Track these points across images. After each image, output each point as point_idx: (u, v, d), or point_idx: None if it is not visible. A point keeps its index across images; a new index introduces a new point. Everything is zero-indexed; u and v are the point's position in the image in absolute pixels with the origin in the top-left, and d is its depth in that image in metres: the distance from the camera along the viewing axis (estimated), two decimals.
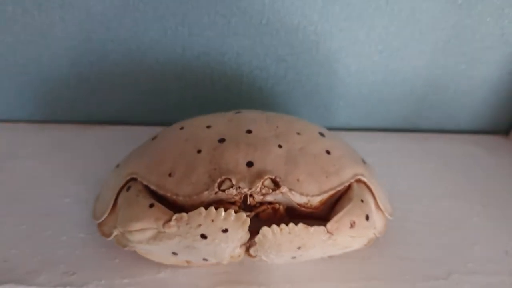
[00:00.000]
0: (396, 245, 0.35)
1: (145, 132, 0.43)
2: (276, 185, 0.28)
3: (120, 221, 0.30)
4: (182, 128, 0.32)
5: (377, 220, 0.33)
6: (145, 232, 0.29)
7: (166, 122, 0.43)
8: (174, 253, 0.30)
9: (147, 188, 0.30)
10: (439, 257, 0.35)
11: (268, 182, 0.28)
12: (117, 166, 0.34)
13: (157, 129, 0.43)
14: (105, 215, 0.32)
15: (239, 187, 0.27)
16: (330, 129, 0.44)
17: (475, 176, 0.41)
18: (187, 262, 0.32)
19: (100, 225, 0.33)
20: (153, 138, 0.33)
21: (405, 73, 0.40)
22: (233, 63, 0.39)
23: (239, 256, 0.30)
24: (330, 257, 0.33)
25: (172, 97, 0.41)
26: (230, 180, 0.27)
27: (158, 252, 0.30)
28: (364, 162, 0.33)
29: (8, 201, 0.37)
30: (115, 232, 0.31)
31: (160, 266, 0.33)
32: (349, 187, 0.31)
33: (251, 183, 0.27)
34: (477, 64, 0.39)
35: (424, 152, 0.43)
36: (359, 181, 0.32)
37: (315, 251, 0.30)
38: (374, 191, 0.32)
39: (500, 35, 0.37)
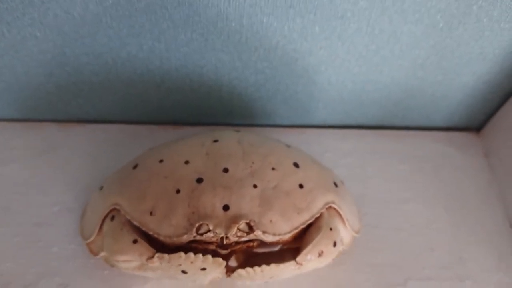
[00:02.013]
0: (365, 251, 0.38)
1: (126, 131, 0.44)
2: (250, 228, 0.30)
3: (106, 249, 0.32)
4: (161, 161, 0.33)
5: (345, 236, 0.36)
6: (130, 263, 0.31)
7: (147, 121, 0.44)
8: (158, 279, 0.33)
9: (130, 222, 0.32)
10: (399, 263, 0.38)
11: (243, 226, 0.30)
12: (101, 188, 0.35)
13: (138, 128, 0.44)
14: (92, 237, 0.34)
15: (216, 232, 0.29)
16: (307, 127, 0.45)
17: (443, 178, 0.44)
18: None
19: (88, 243, 0.35)
20: (134, 167, 0.34)
21: (384, 83, 0.40)
22: (212, 74, 0.38)
23: (219, 278, 0.33)
24: None
25: (152, 102, 0.41)
26: (207, 225, 0.29)
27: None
28: (335, 185, 0.35)
29: None
30: (103, 254, 0.33)
31: (146, 277, 0.36)
32: (319, 215, 0.33)
33: (227, 228, 0.29)
34: (454, 76, 0.39)
35: (398, 151, 0.45)
36: (329, 207, 0.34)
37: (286, 277, 0.33)
38: (343, 216, 0.34)
39: (479, 54, 0.37)
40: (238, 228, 0.30)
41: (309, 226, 0.33)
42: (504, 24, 0.34)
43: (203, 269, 0.30)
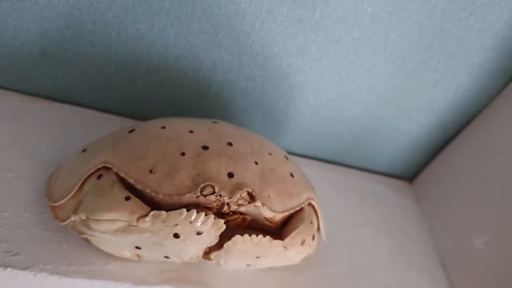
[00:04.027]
0: (322, 262, 0.41)
1: (99, 118, 0.42)
2: (251, 198, 0.31)
3: (87, 208, 0.30)
4: (163, 127, 0.33)
5: (316, 241, 0.37)
6: (114, 223, 0.29)
7: (123, 113, 0.43)
8: (137, 247, 0.31)
9: (121, 180, 0.30)
10: (352, 276, 0.41)
11: (245, 195, 0.31)
12: (84, 150, 0.33)
13: (111, 117, 0.43)
14: (65, 199, 0.31)
15: (220, 195, 0.29)
16: None
17: (385, 211, 0.49)
18: (138, 256, 0.33)
19: (54, 208, 0.32)
20: (130, 131, 0.33)
21: (351, 114, 0.45)
22: (207, 71, 0.40)
23: (197, 257, 0.32)
24: (269, 268, 0.37)
25: (137, 90, 0.41)
26: (213, 187, 0.30)
27: (118, 244, 0.31)
28: (313, 188, 0.38)
29: None
30: (73, 218, 0.31)
31: (109, 257, 0.33)
32: (301, 209, 0.35)
33: (231, 193, 0.30)
34: (406, 120, 0.47)
35: (348, 184, 0.50)
36: (309, 204, 0.36)
37: (267, 261, 0.33)
38: (319, 215, 0.37)
39: (429, 102, 0.45)
40: (240, 196, 0.30)
41: (291, 217, 0.35)
42: (452, 79, 0.43)
43: (199, 233, 0.29)
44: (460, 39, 0.40)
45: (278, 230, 0.34)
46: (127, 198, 0.29)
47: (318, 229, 0.38)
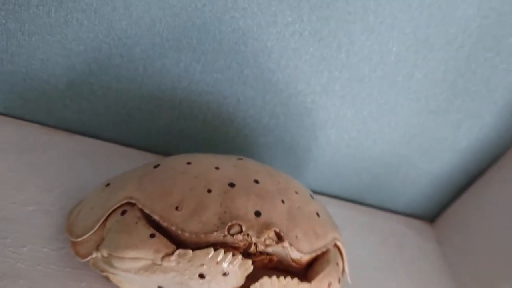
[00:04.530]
0: None
1: (121, 152, 0.42)
2: (279, 238, 0.30)
3: (110, 245, 0.29)
4: (189, 163, 0.32)
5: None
6: (138, 262, 0.28)
7: (146, 148, 0.43)
8: (160, 287, 0.29)
9: (146, 217, 0.29)
10: None
11: (272, 235, 0.30)
12: (108, 184, 0.33)
13: (133, 152, 0.43)
14: (87, 235, 0.30)
15: (248, 234, 0.29)
16: None
17: (406, 253, 0.48)
18: None
19: (75, 244, 0.31)
20: (155, 166, 0.32)
21: (372, 153, 0.45)
22: (231, 108, 0.40)
23: None
24: None
25: (160, 125, 0.41)
26: (240, 225, 0.29)
27: (141, 284, 0.30)
28: (337, 228, 0.37)
29: None
30: (95, 255, 0.30)
31: None
32: (326, 250, 0.34)
33: (259, 233, 0.29)
34: (428, 160, 0.46)
35: (368, 224, 0.49)
36: (334, 245, 0.35)
37: None
38: (344, 256, 0.35)
39: (452, 141, 0.44)
40: (268, 236, 0.29)
41: (316, 258, 0.33)
42: (477, 119, 0.43)
43: (225, 274, 0.28)
44: (485, 79, 0.40)
45: (303, 272, 0.33)
46: (152, 236, 0.28)
47: (343, 270, 0.36)
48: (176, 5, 0.34)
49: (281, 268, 0.32)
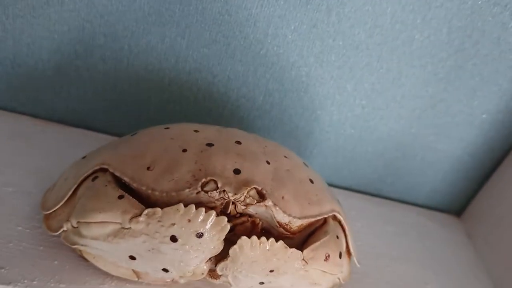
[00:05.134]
0: None
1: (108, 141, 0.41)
2: (261, 197, 0.27)
3: (79, 211, 0.27)
4: (167, 128, 0.30)
5: (345, 264, 0.32)
6: (105, 227, 0.26)
7: None
8: (132, 257, 0.27)
9: (117, 180, 0.27)
10: None
11: (253, 193, 0.27)
12: (84, 157, 0.31)
13: None
14: (58, 205, 0.28)
15: (224, 191, 0.26)
16: None
17: (428, 245, 0.42)
18: (137, 275, 0.28)
19: (47, 217, 0.29)
20: (133, 134, 0.31)
21: (381, 133, 0.41)
22: (222, 86, 0.38)
23: (202, 273, 0.27)
24: None
25: (150, 109, 0.40)
26: (215, 182, 0.26)
27: (112, 255, 0.27)
28: (339, 202, 0.33)
29: None
30: (65, 227, 0.28)
31: (105, 276, 0.29)
32: (324, 222, 0.30)
33: (237, 189, 0.26)
34: (444, 139, 0.42)
35: (383, 215, 0.44)
36: (334, 218, 0.31)
37: (284, 280, 0.28)
38: (347, 232, 0.32)
39: (468, 114, 0.40)
40: (248, 193, 0.26)
41: (313, 232, 0.30)
42: (493, 86, 0.39)
43: (200, 235, 0.25)
44: (495, 39, 0.36)
45: (299, 247, 0.29)
46: (121, 197, 0.26)
47: (348, 250, 0.32)
48: None
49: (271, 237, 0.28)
